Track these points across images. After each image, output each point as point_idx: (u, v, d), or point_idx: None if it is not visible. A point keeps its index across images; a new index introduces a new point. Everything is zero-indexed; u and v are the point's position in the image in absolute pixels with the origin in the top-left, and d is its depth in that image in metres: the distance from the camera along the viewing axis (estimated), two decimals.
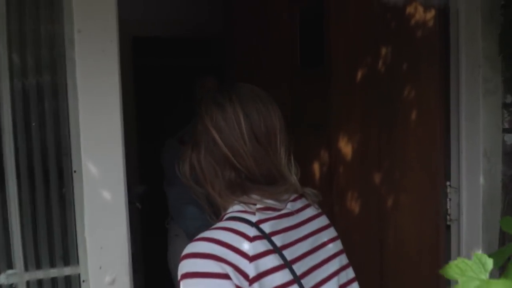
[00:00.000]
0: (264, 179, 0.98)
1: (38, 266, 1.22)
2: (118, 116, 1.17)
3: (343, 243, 1.08)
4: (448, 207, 1.79)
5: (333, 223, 1.09)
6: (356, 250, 1.83)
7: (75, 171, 1.25)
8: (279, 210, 0.98)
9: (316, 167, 2.16)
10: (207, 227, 2.28)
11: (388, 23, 1.86)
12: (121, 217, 1.19)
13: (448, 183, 1.78)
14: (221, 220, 1.00)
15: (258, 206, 0.97)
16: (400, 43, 1.84)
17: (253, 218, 0.94)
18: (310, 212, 1.05)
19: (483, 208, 1.63)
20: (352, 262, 1.07)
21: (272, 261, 0.91)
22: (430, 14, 1.74)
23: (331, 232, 1.07)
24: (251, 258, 0.89)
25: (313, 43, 2.13)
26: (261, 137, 0.97)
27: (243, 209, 0.97)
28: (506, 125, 1.64)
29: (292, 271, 0.94)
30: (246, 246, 0.89)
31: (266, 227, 0.94)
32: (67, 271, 1.23)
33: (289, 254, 0.95)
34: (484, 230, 1.64)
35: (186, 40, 3.21)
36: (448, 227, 1.80)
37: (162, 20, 3.03)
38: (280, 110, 1.04)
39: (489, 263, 1.13)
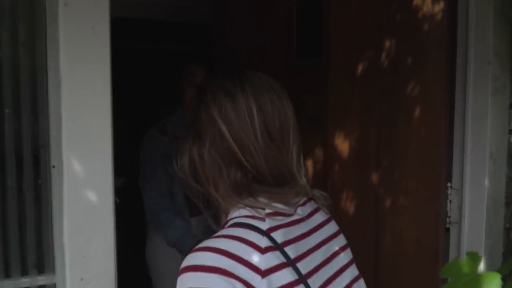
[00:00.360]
0: (274, 180, 0.88)
1: (7, 275, 1.06)
2: (107, 106, 1.02)
3: None
4: (448, 209, 1.72)
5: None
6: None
7: (53, 166, 1.09)
8: (288, 215, 0.88)
9: (309, 164, 2.06)
10: (188, 237, 2.14)
11: (393, 13, 1.76)
12: (107, 222, 1.04)
13: (449, 184, 1.71)
14: (224, 226, 0.88)
15: (267, 211, 0.85)
16: (405, 36, 1.74)
17: (264, 226, 0.83)
18: (319, 217, 0.95)
19: (487, 212, 1.56)
20: None
21: (286, 276, 0.81)
22: (439, 7, 1.64)
23: (341, 240, 0.98)
24: (264, 273, 0.78)
25: (311, 32, 2.01)
26: (274, 133, 0.86)
27: (250, 214, 0.85)
28: None
29: (308, 287, 0.83)
30: (257, 259, 0.78)
31: (278, 236, 0.83)
32: (41, 280, 1.07)
33: (303, 267, 0.84)
34: (487, 235, 1.57)
35: (169, 24, 3.02)
36: (448, 229, 1.73)
37: (143, 0, 2.84)
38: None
39: (479, 260, 1.09)
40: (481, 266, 1.59)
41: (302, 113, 2.10)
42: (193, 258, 0.79)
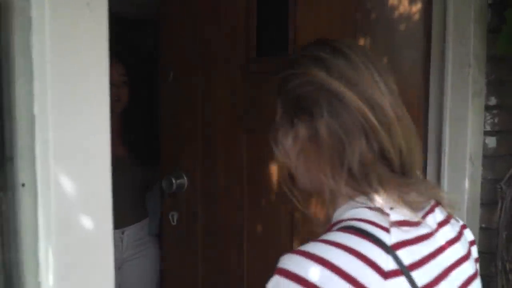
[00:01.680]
0: (400, 153, 0.71)
1: None
2: (106, 105, 0.79)
3: None
4: None
5: None
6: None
7: (23, 185, 0.83)
8: (415, 225, 0.69)
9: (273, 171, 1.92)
10: None
11: (368, 12, 1.70)
12: (106, 256, 0.81)
13: None
14: (332, 227, 0.69)
15: (393, 217, 0.66)
16: (380, 35, 1.69)
17: (388, 239, 0.64)
18: (449, 231, 0.76)
19: (467, 213, 1.57)
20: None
21: None
22: (416, 7, 1.62)
23: (473, 264, 0.79)
24: None
25: (275, 26, 1.88)
26: (394, 94, 0.76)
27: (372, 218, 0.66)
28: (488, 128, 1.60)
29: None
30: (378, 286, 0.60)
31: (405, 256, 0.64)
32: None
33: None
34: None
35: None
36: None
37: None
38: None
39: None
40: None
41: (266, 117, 1.96)
42: (293, 263, 0.61)
